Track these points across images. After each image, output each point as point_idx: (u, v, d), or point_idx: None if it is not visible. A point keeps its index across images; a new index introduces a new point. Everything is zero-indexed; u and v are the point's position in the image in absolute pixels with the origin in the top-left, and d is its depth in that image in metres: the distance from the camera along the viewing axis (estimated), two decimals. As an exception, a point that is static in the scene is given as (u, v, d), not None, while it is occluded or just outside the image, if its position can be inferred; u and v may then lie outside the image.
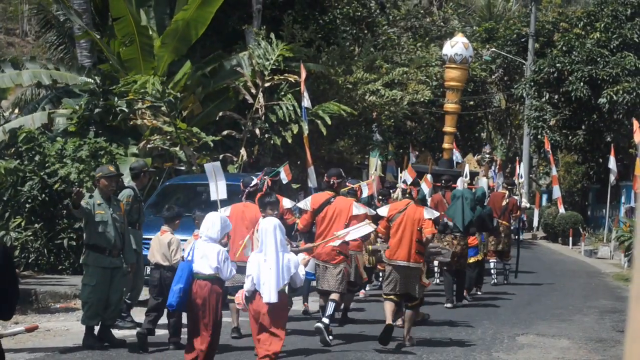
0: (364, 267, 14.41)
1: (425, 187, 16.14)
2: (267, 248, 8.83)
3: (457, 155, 30.62)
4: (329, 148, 26.70)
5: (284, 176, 13.34)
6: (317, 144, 25.05)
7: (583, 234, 33.24)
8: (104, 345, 11.06)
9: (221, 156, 22.17)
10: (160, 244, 11.40)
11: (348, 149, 28.28)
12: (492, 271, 20.00)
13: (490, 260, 19.73)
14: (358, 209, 12.18)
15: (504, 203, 19.93)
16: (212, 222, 9.11)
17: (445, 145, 28.62)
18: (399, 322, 12.37)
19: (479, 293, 17.90)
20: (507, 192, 20.36)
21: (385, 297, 11.97)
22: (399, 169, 32.94)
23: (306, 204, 12.44)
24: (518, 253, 20.82)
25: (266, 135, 23.20)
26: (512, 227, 21.07)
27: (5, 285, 4.30)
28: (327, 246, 11.90)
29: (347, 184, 13.15)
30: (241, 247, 10.71)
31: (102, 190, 11.36)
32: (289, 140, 23.00)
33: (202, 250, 9.03)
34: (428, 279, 12.95)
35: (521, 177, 25.12)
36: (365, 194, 14.88)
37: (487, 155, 25.80)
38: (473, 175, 22.50)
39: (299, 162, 24.36)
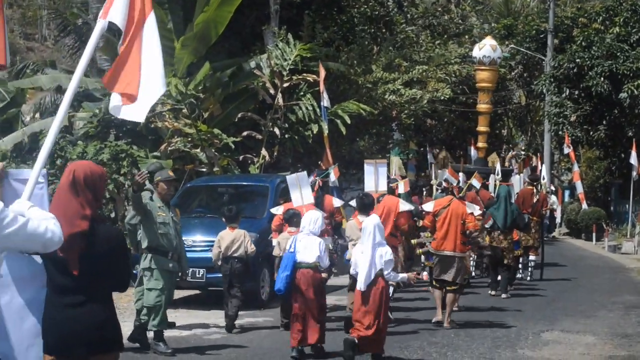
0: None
1: (476, 183, 16.89)
2: (366, 243, 10.38)
3: (475, 153, 30.60)
4: (349, 147, 26.65)
5: (334, 177, 15.48)
6: (337, 144, 25.00)
7: (606, 229, 33.00)
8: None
9: (241, 157, 22.21)
10: (234, 239, 12.85)
11: (368, 148, 28.25)
12: (520, 265, 19.89)
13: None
14: (404, 206, 13.58)
15: (535, 200, 19.80)
16: (314, 218, 10.87)
17: (480, 145, 28.87)
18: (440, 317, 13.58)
19: (503, 296, 17.47)
20: (534, 189, 20.27)
21: (434, 284, 13.70)
22: (428, 158, 32.90)
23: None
24: (543, 251, 20.65)
25: (286, 136, 23.18)
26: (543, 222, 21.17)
27: (122, 262, 5.11)
28: None
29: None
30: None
31: (160, 194, 11.31)
32: (309, 140, 22.97)
33: (304, 243, 10.75)
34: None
35: (544, 178, 25.04)
36: (402, 190, 16.22)
37: (522, 152, 25.79)
38: (506, 173, 22.51)
39: (320, 162, 24.34)
